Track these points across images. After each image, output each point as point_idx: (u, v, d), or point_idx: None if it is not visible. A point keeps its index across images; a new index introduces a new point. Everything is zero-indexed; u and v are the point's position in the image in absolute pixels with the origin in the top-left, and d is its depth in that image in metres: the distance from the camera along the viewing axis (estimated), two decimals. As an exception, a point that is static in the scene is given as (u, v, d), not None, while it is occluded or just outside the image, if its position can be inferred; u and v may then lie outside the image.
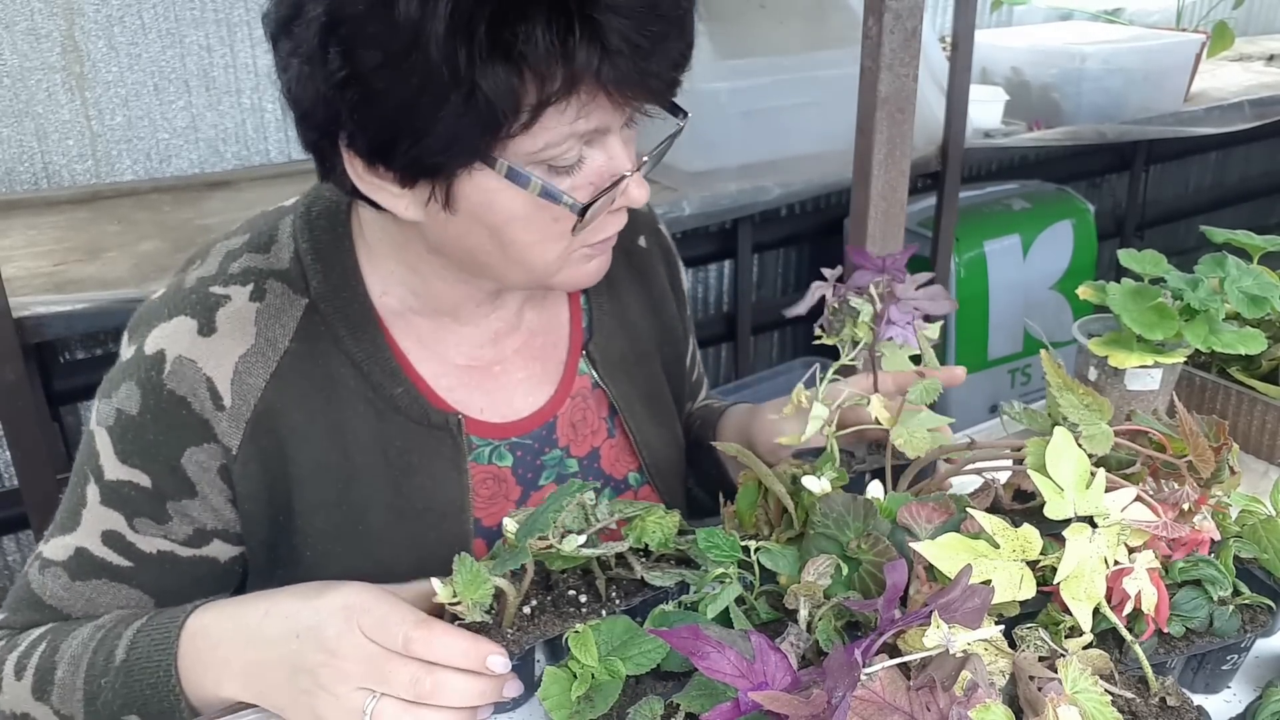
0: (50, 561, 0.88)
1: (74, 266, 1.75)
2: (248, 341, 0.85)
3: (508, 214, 0.79)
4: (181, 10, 2.21)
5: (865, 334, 0.90)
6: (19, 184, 2.17)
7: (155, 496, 0.86)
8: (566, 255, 0.83)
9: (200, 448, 0.85)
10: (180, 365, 0.84)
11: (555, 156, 0.76)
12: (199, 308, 0.86)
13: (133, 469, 0.85)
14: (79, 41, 2.13)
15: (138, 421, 0.85)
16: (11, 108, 2.11)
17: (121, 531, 0.86)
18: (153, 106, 2.24)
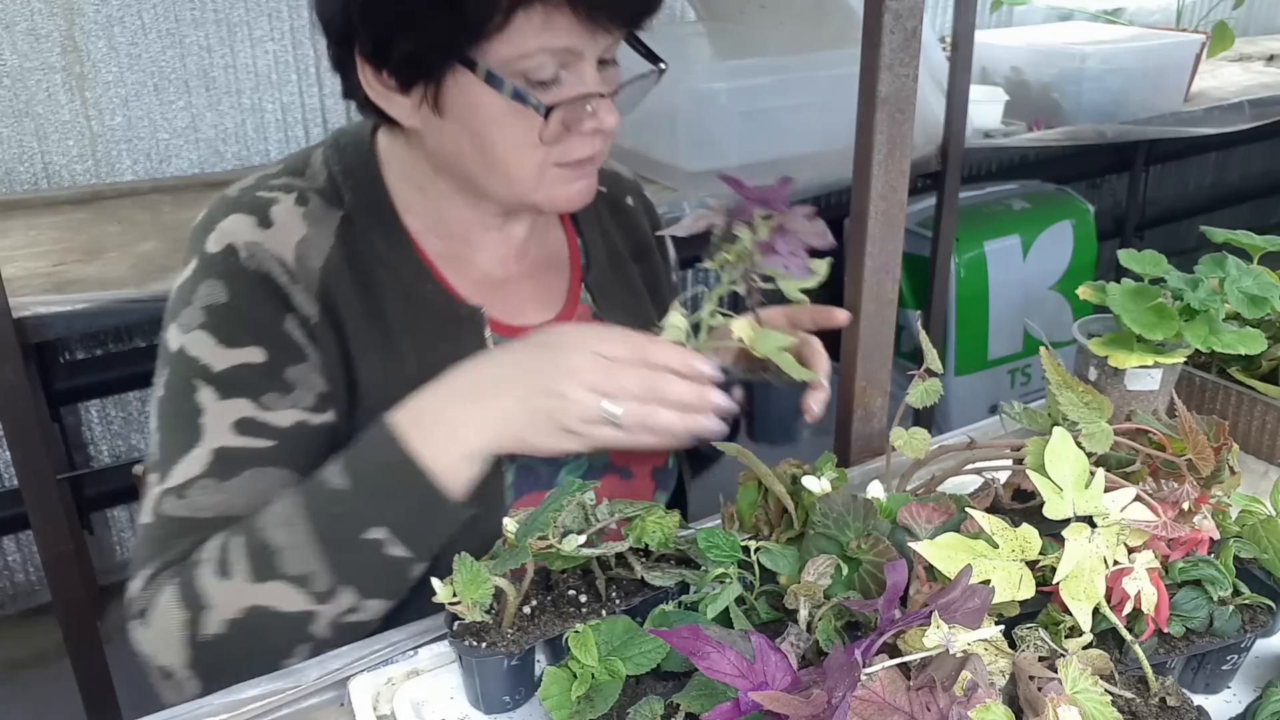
0: (186, 482, 0.86)
1: (74, 266, 1.75)
2: (301, 232, 0.92)
3: (486, 116, 0.88)
4: (181, 10, 2.21)
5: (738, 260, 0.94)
6: (19, 184, 2.17)
7: (273, 369, 0.89)
8: (544, 170, 0.91)
9: (292, 314, 0.90)
10: (250, 248, 0.90)
11: (530, 69, 0.86)
12: (251, 206, 0.93)
13: (243, 349, 0.88)
14: (79, 41, 2.13)
15: (231, 305, 0.89)
16: (11, 108, 2.11)
17: (252, 415, 0.87)
18: (153, 106, 2.24)
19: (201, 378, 0.87)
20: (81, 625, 1.66)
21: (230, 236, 0.90)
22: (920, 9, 0.98)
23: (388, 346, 0.94)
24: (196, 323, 0.88)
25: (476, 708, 0.77)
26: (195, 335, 0.88)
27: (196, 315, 0.89)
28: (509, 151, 0.90)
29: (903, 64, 0.99)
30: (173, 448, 0.88)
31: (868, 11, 0.99)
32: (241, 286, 0.89)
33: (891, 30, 0.97)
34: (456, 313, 0.98)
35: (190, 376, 0.88)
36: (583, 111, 0.90)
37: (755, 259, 0.94)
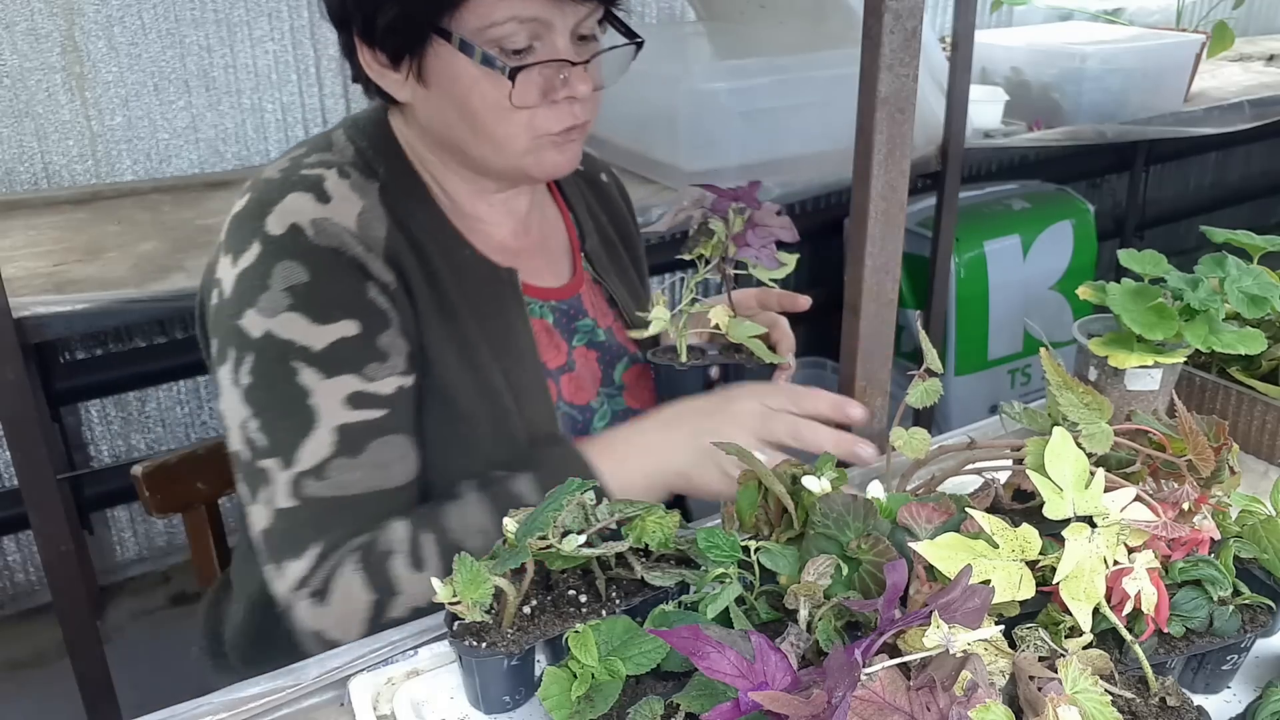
0: (321, 463, 0.89)
1: (74, 266, 1.75)
2: (359, 204, 0.96)
3: (465, 85, 0.93)
4: (181, 10, 2.21)
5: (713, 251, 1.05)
6: (19, 184, 2.17)
7: (367, 338, 0.92)
8: (530, 141, 0.96)
9: (372, 282, 0.94)
10: (317, 225, 0.92)
11: (502, 38, 0.91)
12: (303, 184, 0.95)
13: (336, 323, 0.90)
14: (79, 41, 2.13)
15: (314, 283, 0.91)
16: (11, 108, 2.11)
17: (360, 388, 0.90)
18: (153, 106, 2.24)
19: (301, 359, 0.89)
20: (81, 625, 1.66)
21: (293, 216, 0.92)
22: (920, 9, 0.98)
23: (445, 308, 0.99)
24: (283, 305, 0.90)
25: (476, 708, 0.77)
26: (284, 318, 0.89)
27: (280, 298, 0.90)
28: (488, 117, 0.94)
29: (903, 64, 0.99)
30: (288, 432, 0.89)
31: (868, 11, 0.99)
32: (319, 263, 0.91)
33: (891, 30, 0.97)
34: (496, 274, 1.04)
35: (288, 359, 0.89)
36: (556, 80, 0.95)
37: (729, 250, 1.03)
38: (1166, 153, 3.65)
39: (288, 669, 0.83)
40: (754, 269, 1.05)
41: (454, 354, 0.98)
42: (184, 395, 2.45)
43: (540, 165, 1.00)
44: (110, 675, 1.72)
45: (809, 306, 1.15)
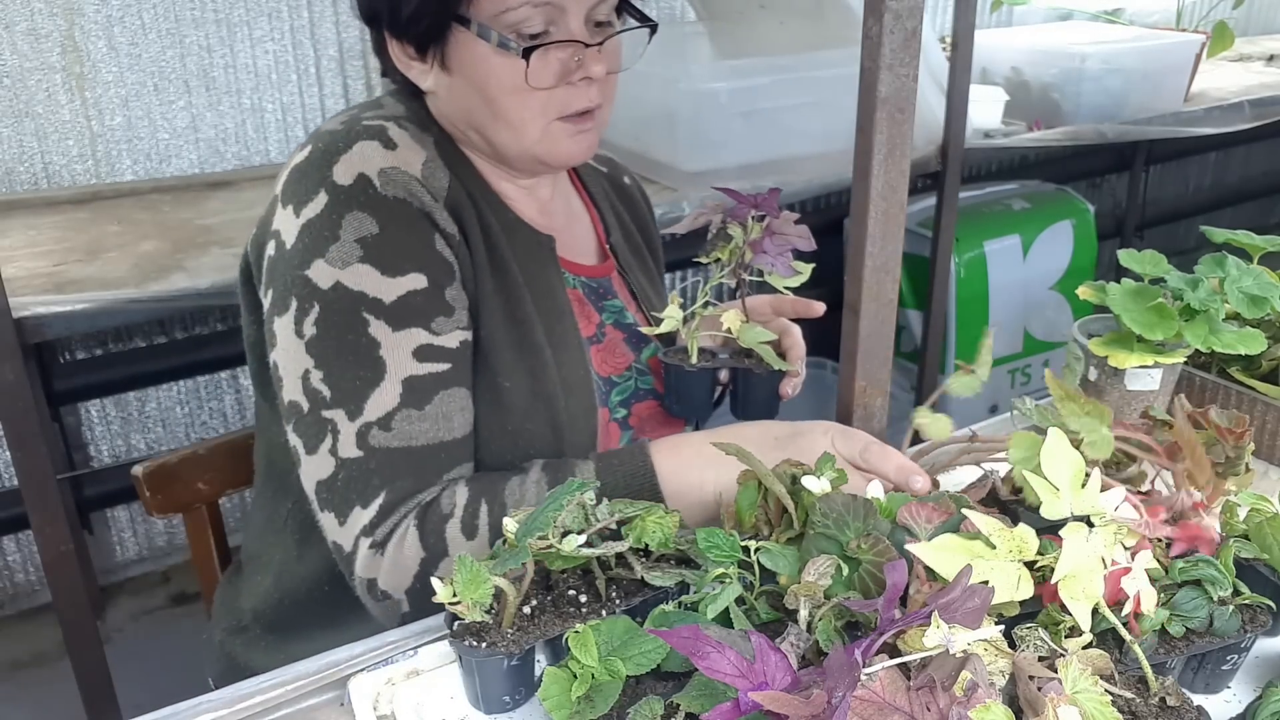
0: (387, 415, 0.90)
1: (74, 266, 1.75)
2: (422, 154, 0.98)
3: (484, 69, 0.96)
4: (181, 10, 2.21)
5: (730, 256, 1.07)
6: (19, 184, 2.17)
7: (435, 291, 0.94)
8: (546, 122, 0.99)
9: (439, 234, 0.96)
10: (386, 174, 0.94)
11: (518, 22, 0.94)
12: (369, 132, 0.97)
13: (406, 275, 0.92)
14: (79, 41, 2.13)
15: (384, 234, 0.92)
16: (11, 108, 2.11)
17: (428, 341, 0.92)
18: (153, 106, 2.24)
19: (372, 311, 0.91)
20: (81, 625, 1.66)
21: (360, 165, 0.94)
22: (920, 9, 0.98)
23: (497, 262, 1.01)
24: (354, 257, 0.91)
25: (476, 708, 0.77)
26: (356, 269, 0.91)
27: (351, 249, 0.91)
28: (506, 100, 0.97)
29: (903, 64, 0.99)
30: (357, 382, 0.91)
31: (868, 11, 0.99)
32: (389, 214, 0.93)
33: (891, 30, 0.97)
34: (536, 237, 1.06)
35: (360, 310, 0.91)
36: (570, 61, 0.97)
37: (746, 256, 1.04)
38: (1166, 153, 3.65)
39: (288, 669, 0.83)
40: (769, 276, 1.06)
41: (501, 308, 1.00)
42: (184, 395, 2.45)
43: (555, 152, 1.02)
44: (110, 675, 1.72)
45: (823, 312, 1.16)
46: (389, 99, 1.07)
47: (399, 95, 1.06)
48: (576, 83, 0.99)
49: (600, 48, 0.99)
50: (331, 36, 2.39)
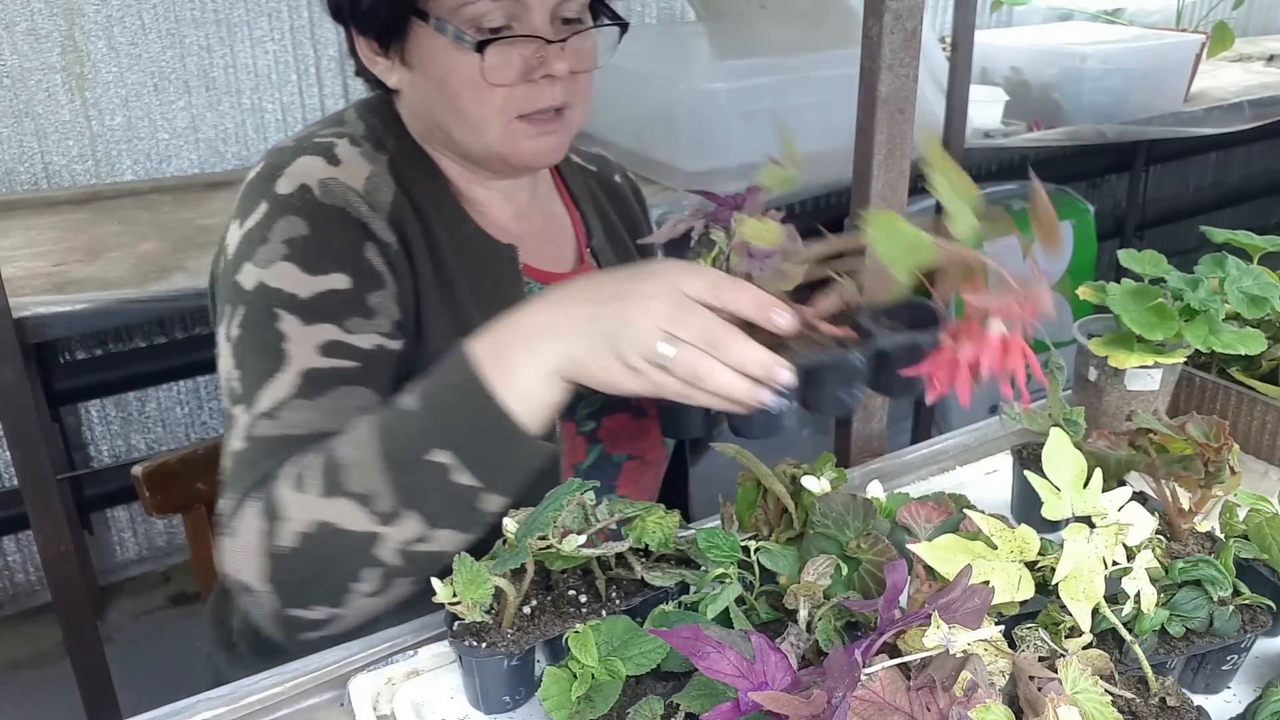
0: (277, 405, 0.86)
1: (74, 266, 1.75)
2: (367, 169, 0.97)
3: (443, 64, 0.94)
4: (181, 10, 2.21)
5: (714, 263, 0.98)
6: (19, 184, 2.17)
7: (356, 294, 0.91)
8: (507, 120, 0.96)
9: (372, 243, 0.94)
10: (325, 185, 0.93)
11: (477, 16, 0.92)
12: (315, 149, 0.97)
13: (327, 275, 0.90)
14: (79, 41, 2.13)
15: (313, 236, 0.91)
16: (11, 108, 2.11)
17: (337, 338, 0.89)
18: (153, 106, 2.24)
19: (285, 307, 0.88)
20: (81, 625, 1.66)
21: (302, 177, 0.93)
22: (920, 9, 0.98)
23: (444, 279, 0.99)
24: (278, 256, 0.90)
25: (476, 708, 0.77)
26: (278, 267, 0.89)
27: (277, 249, 0.90)
28: (466, 97, 0.95)
29: (903, 64, 0.99)
30: (257, 375, 0.88)
31: (868, 11, 0.99)
32: (321, 219, 0.92)
33: (891, 30, 0.97)
34: (496, 250, 1.03)
35: (273, 307, 0.89)
36: (533, 58, 0.94)
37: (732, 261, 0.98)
38: (1166, 153, 3.65)
39: (288, 668, 0.83)
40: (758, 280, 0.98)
41: (448, 325, 0.97)
42: (184, 395, 2.45)
43: (517, 152, 0.99)
44: (110, 675, 1.72)
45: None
46: (353, 113, 1.05)
47: (363, 109, 1.05)
48: (538, 80, 0.96)
49: (564, 45, 0.96)
50: (331, 36, 2.39)
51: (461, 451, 0.78)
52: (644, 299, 0.75)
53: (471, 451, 0.78)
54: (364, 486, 0.79)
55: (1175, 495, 0.83)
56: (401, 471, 0.78)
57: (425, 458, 0.78)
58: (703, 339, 0.73)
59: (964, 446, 1.17)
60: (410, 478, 0.78)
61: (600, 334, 0.76)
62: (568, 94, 0.98)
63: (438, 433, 0.78)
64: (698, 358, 0.73)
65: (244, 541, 0.82)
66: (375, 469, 0.79)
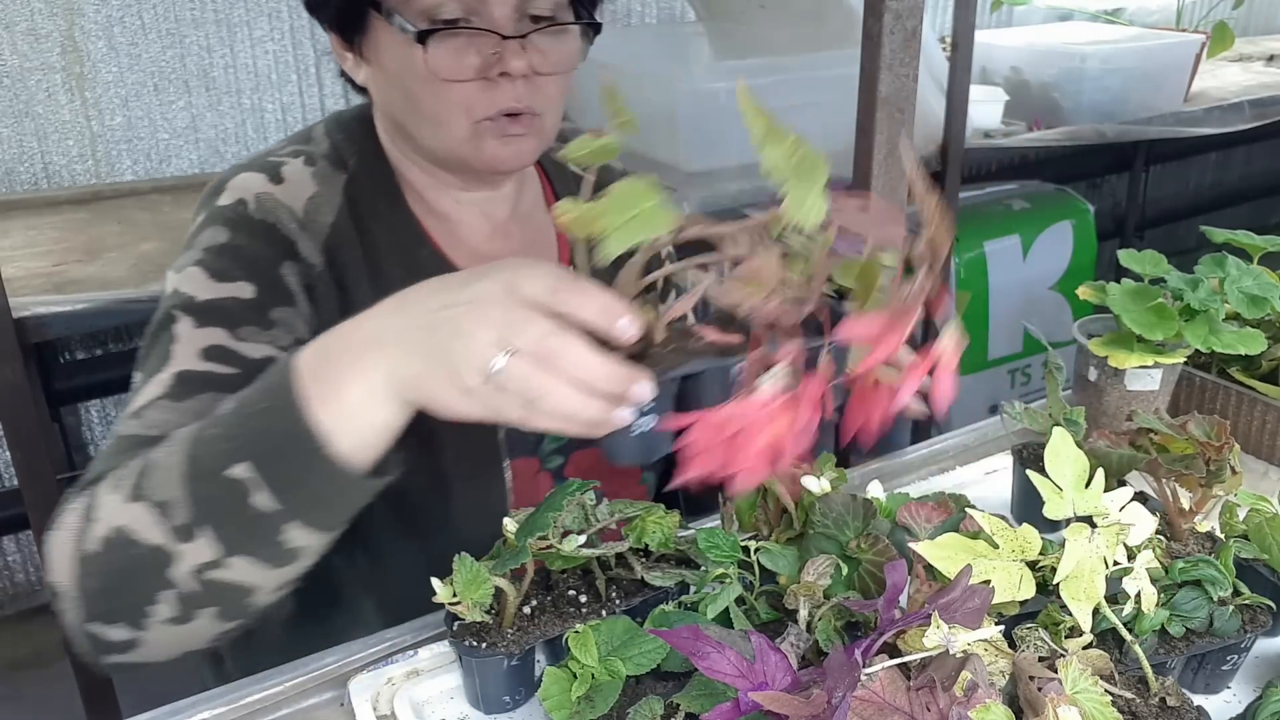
0: (146, 403, 0.82)
1: (74, 266, 1.75)
2: (311, 189, 0.95)
3: (398, 59, 0.90)
4: (181, 10, 2.21)
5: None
6: (19, 184, 2.17)
7: (259, 305, 0.88)
8: (469, 126, 0.92)
9: (293, 263, 0.91)
10: (261, 200, 0.92)
11: (431, 8, 0.87)
12: (262, 167, 0.96)
13: (233, 283, 0.88)
14: (79, 41, 2.13)
15: (231, 245, 0.90)
16: (11, 108, 2.11)
17: (224, 343, 0.85)
18: (153, 106, 2.24)
19: (183, 309, 0.86)
20: (81, 625, 1.65)
21: (241, 191, 0.93)
22: (920, 9, 0.98)
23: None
24: (192, 261, 0.89)
25: (476, 708, 0.77)
26: (188, 272, 0.88)
27: (194, 255, 0.89)
28: (422, 94, 0.91)
29: (903, 64, 0.99)
30: (145, 374, 0.84)
31: (868, 11, 0.99)
32: (245, 230, 0.91)
33: (891, 30, 0.98)
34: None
35: (172, 308, 0.87)
36: (490, 55, 0.89)
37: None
38: (1166, 153, 3.65)
39: (288, 668, 0.83)
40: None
41: None
42: (184, 395, 2.45)
43: (481, 155, 0.94)
44: (110, 675, 1.72)
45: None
46: (321, 129, 1.02)
47: (333, 124, 1.02)
48: (495, 79, 0.90)
49: (523, 42, 0.89)
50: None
51: (263, 469, 0.68)
52: (477, 306, 0.63)
53: (273, 471, 0.68)
54: (162, 493, 0.70)
55: (1176, 495, 0.83)
56: (199, 482, 0.69)
57: (225, 471, 0.68)
58: (537, 350, 0.61)
59: (964, 446, 1.17)
60: (208, 491, 0.69)
61: (435, 349, 0.64)
62: (532, 97, 0.92)
63: (242, 443, 0.69)
64: (530, 372, 0.61)
65: (59, 540, 0.74)
66: (176, 476, 0.70)
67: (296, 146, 1.00)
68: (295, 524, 0.69)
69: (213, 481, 0.69)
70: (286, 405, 0.68)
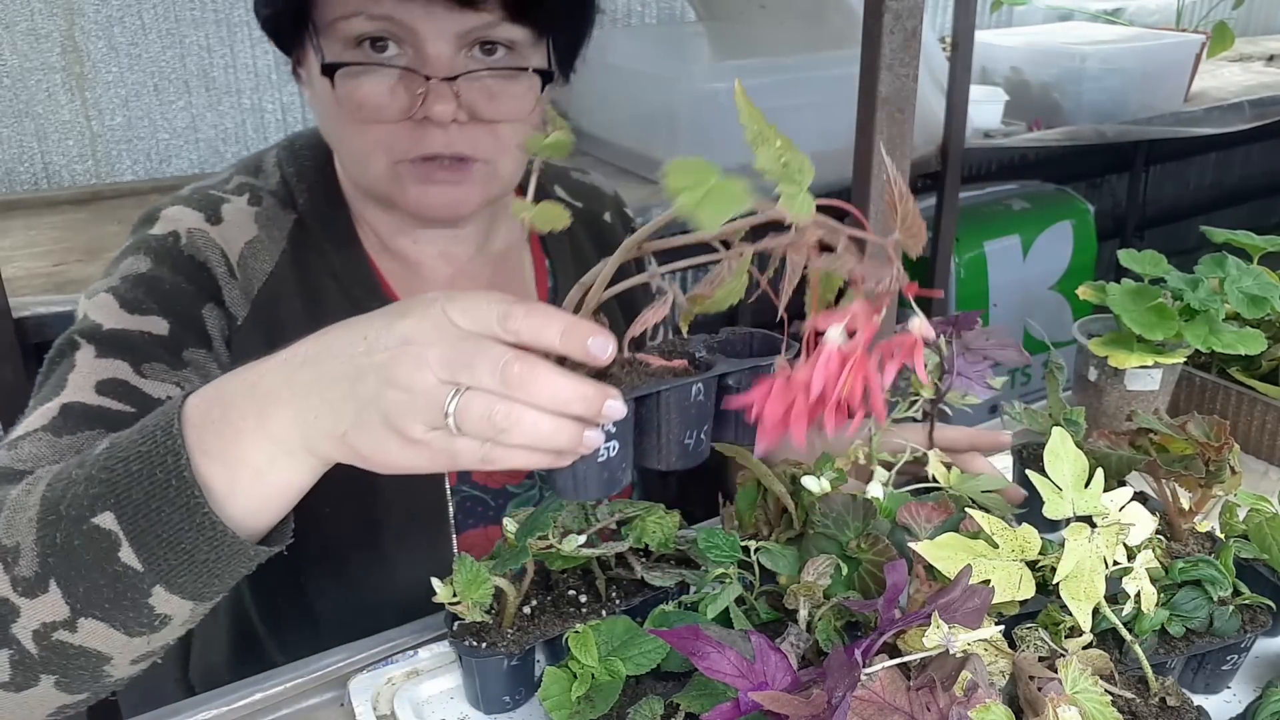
0: (24, 433, 0.73)
1: (74, 266, 1.75)
2: (252, 232, 0.88)
3: (325, 89, 0.82)
4: (181, 10, 2.21)
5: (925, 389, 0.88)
6: (19, 184, 2.17)
7: (172, 343, 0.81)
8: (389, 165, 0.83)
9: (216, 308, 0.85)
10: (194, 235, 0.86)
11: (354, 35, 0.79)
12: (202, 203, 0.89)
13: (146, 317, 0.81)
14: (79, 41, 2.13)
15: (151, 275, 0.83)
16: (11, 108, 2.11)
17: (124, 378, 0.77)
18: (153, 106, 2.24)
19: (87, 336, 0.79)
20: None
21: (174, 224, 0.86)
22: (920, 9, 0.98)
23: None
24: (105, 288, 0.82)
25: (476, 708, 0.77)
26: (100, 299, 0.81)
27: (110, 282, 0.83)
28: (343, 127, 0.84)
29: (903, 64, 0.99)
30: (36, 401, 0.78)
31: (868, 11, 0.99)
32: (168, 263, 0.84)
33: (891, 30, 0.98)
34: None
35: (76, 335, 0.80)
36: (409, 94, 0.80)
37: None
38: (1166, 153, 3.65)
39: (288, 668, 0.83)
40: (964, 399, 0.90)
41: None
42: (184, 395, 2.45)
43: (404, 198, 0.85)
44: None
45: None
46: (273, 159, 0.95)
47: (286, 154, 0.95)
48: (420, 121, 0.81)
49: (458, 84, 0.80)
50: (331, 36, 2.39)
51: (130, 522, 0.59)
52: (409, 347, 0.54)
53: (142, 525, 0.59)
54: (12, 537, 0.61)
55: (1175, 495, 0.83)
56: (55, 529, 0.60)
57: (88, 520, 0.59)
58: (499, 379, 0.53)
59: (964, 446, 1.17)
60: (64, 540, 0.60)
61: (363, 399, 0.55)
62: (469, 144, 0.83)
63: (108, 492, 0.59)
64: (491, 406, 0.53)
65: None
66: (28, 519, 0.61)
67: (244, 180, 0.93)
68: (162, 589, 0.60)
69: (71, 530, 0.59)
70: (167, 452, 0.58)
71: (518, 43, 0.82)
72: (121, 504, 0.59)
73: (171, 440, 0.59)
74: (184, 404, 0.61)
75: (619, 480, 0.62)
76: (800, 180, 0.52)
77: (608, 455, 0.59)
